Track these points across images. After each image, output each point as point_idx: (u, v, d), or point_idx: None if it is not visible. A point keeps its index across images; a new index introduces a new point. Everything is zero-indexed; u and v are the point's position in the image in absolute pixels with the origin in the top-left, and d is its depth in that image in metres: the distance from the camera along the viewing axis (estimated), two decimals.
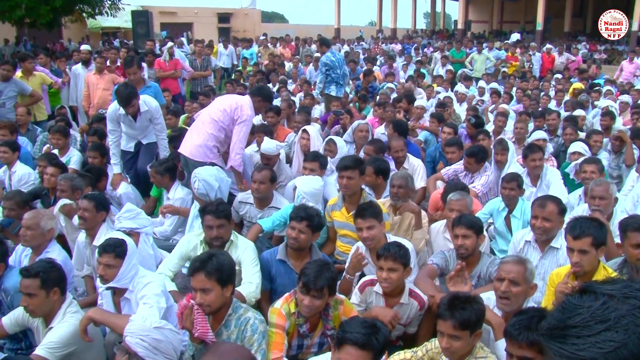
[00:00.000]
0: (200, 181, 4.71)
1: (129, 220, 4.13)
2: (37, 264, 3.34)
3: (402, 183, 4.68)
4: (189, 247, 4.13)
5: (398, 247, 3.47)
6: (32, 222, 4.07)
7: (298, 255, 3.91)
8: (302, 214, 3.83)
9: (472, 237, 3.76)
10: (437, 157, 6.71)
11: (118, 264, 3.40)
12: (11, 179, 6.07)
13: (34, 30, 19.45)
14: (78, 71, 9.92)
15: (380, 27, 34.65)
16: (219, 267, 2.96)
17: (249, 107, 5.55)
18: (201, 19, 35.12)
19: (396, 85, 11.67)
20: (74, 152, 6.63)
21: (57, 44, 25.06)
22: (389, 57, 15.79)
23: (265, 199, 5.07)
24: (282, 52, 17.82)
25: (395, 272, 3.43)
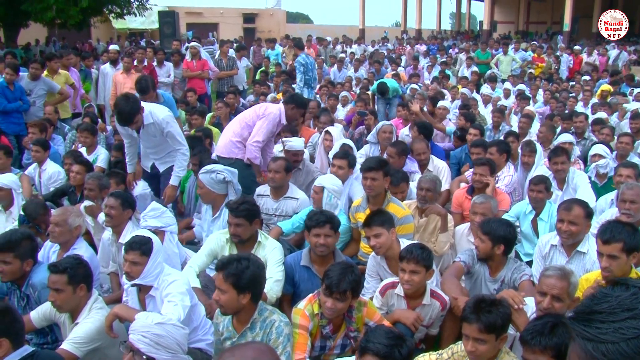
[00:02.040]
0: (221, 172, 4.83)
1: (154, 218, 4.17)
2: (65, 260, 3.38)
3: (431, 186, 4.63)
4: (217, 244, 4.16)
5: (421, 250, 3.44)
6: (60, 219, 4.12)
7: (322, 260, 3.87)
8: (322, 218, 3.78)
9: (488, 244, 3.72)
10: (462, 158, 6.63)
11: (144, 261, 3.42)
12: (41, 177, 6.19)
13: (64, 30, 19.80)
14: (106, 70, 10.04)
15: (404, 28, 34.45)
16: (237, 272, 2.95)
17: (277, 110, 5.70)
18: (227, 19, 35.39)
19: (420, 86, 11.60)
20: (102, 151, 6.72)
21: (86, 44, 25.54)
22: (413, 58, 15.71)
23: (280, 189, 5.19)
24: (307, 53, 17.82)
25: (417, 274, 3.40)
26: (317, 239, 3.77)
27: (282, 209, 5.21)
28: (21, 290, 3.71)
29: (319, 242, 3.77)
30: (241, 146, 5.68)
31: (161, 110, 5.32)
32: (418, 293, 3.52)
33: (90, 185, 4.99)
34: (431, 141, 6.64)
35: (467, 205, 5.00)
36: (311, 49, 18.72)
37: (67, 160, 6.03)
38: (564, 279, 2.97)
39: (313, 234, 3.79)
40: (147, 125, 5.19)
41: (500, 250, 3.74)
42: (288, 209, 5.19)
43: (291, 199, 5.21)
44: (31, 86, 8.35)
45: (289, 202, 5.21)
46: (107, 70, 10.00)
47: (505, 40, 22.91)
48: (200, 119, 7.82)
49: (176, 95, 9.99)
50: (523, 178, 5.90)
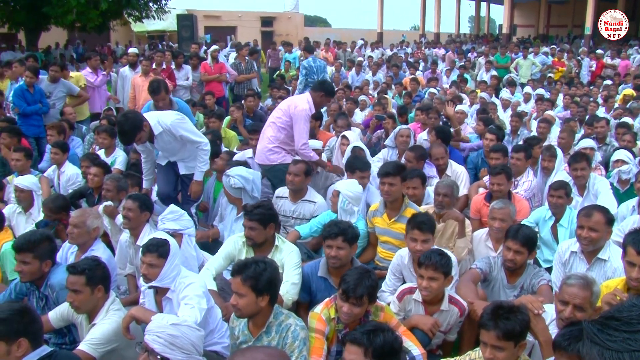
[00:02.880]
0: (234, 177, 4.85)
1: (172, 221, 4.19)
2: (83, 261, 3.42)
3: (448, 192, 4.62)
4: (234, 247, 4.18)
5: (440, 256, 3.42)
6: (78, 221, 4.17)
7: (339, 272, 3.79)
8: (334, 230, 3.72)
9: (525, 254, 3.69)
10: (479, 163, 6.59)
11: (161, 263, 3.44)
12: (60, 179, 6.26)
13: (84, 33, 20.07)
14: (125, 73, 10.17)
15: (423, 32, 34.37)
16: (255, 275, 2.96)
17: (305, 102, 5.67)
18: (245, 22, 35.62)
19: (439, 90, 11.56)
20: (120, 153, 6.75)
21: (105, 46, 25.84)
22: (432, 62, 15.67)
23: (299, 192, 5.23)
24: (324, 56, 17.84)
25: (436, 281, 3.39)
26: (329, 251, 3.75)
27: (299, 211, 5.23)
28: (40, 291, 3.75)
29: (331, 254, 3.74)
30: (279, 150, 5.66)
31: (167, 115, 5.08)
32: (436, 299, 3.51)
33: (109, 186, 5.05)
34: (449, 145, 6.60)
35: (486, 212, 4.97)
36: (329, 52, 18.78)
37: (84, 163, 6.09)
38: (587, 288, 2.93)
39: (326, 244, 3.78)
40: (159, 134, 4.94)
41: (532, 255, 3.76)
42: (305, 212, 5.21)
43: (309, 202, 5.24)
44: (51, 88, 8.48)
45: (307, 205, 5.24)
46: (126, 73, 10.13)
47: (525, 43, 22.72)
48: (217, 122, 7.85)
49: (194, 98, 10.06)
50: (543, 183, 5.84)
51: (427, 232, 3.83)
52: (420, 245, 3.81)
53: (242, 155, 6.20)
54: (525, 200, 5.30)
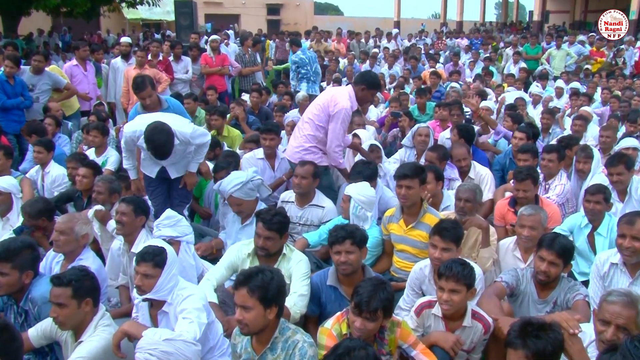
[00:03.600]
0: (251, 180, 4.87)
1: (169, 227, 4.18)
2: (70, 271, 3.39)
3: (470, 196, 4.58)
4: (237, 257, 4.19)
5: (462, 266, 3.40)
6: (65, 227, 4.15)
7: (350, 280, 3.85)
8: (341, 234, 3.76)
9: (560, 266, 3.66)
10: (507, 164, 6.56)
11: (157, 273, 3.43)
12: (44, 180, 6.26)
13: (70, 20, 19.87)
14: (117, 65, 10.12)
15: (444, 20, 34.32)
16: (264, 284, 2.96)
17: (346, 98, 5.54)
18: (249, 10, 35.78)
19: (461, 85, 11.52)
20: (112, 152, 6.78)
21: (95, 35, 25.63)
22: (453, 54, 15.61)
23: (306, 196, 5.26)
24: (336, 48, 17.84)
25: (458, 293, 3.37)
26: (338, 257, 3.76)
27: (307, 217, 5.25)
28: (19, 305, 3.70)
29: (340, 260, 3.75)
30: (316, 150, 5.63)
31: (182, 124, 5.06)
32: (458, 314, 3.48)
33: (100, 188, 5.06)
34: (473, 145, 6.58)
35: (510, 218, 4.96)
36: (341, 43, 18.77)
37: (71, 163, 6.02)
38: (631, 306, 2.87)
39: (334, 251, 3.79)
40: (175, 146, 4.95)
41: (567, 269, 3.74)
42: (313, 218, 5.23)
43: (317, 207, 5.25)
44: (34, 81, 8.40)
45: (315, 210, 5.25)
46: (118, 65, 10.09)
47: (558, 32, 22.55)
48: (220, 119, 7.81)
49: (194, 93, 10.08)
50: (577, 187, 5.80)
51: (449, 241, 3.81)
52: (439, 253, 3.80)
53: (252, 156, 6.20)
54: (555, 205, 5.26)
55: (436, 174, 5.15)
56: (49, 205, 5.10)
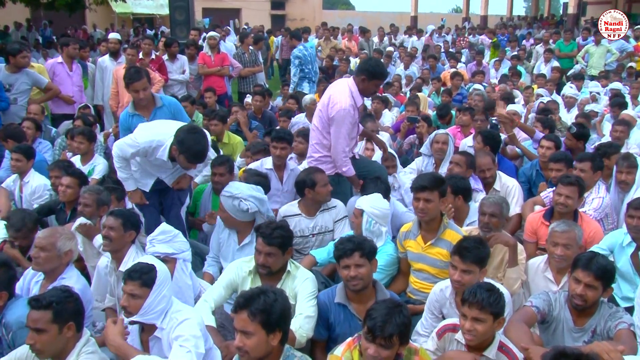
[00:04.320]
0: (247, 199, 4.85)
1: (163, 243, 4.16)
2: (50, 292, 3.37)
3: (496, 210, 4.56)
4: (237, 275, 4.19)
5: (488, 293, 3.36)
6: (47, 242, 4.13)
7: (361, 297, 3.87)
8: (349, 246, 3.80)
9: (599, 290, 3.61)
10: (533, 176, 6.53)
11: (144, 293, 3.43)
12: (22, 191, 6.21)
13: (52, 12, 19.77)
14: (105, 64, 10.11)
15: (466, 15, 34.33)
16: (266, 308, 2.95)
17: (346, 96, 5.47)
18: (250, 4, 35.92)
19: (485, 87, 11.50)
20: (99, 160, 6.77)
21: (79, 30, 25.64)
22: (477, 52, 15.61)
23: (314, 204, 5.31)
24: (347, 46, 17.86)
25: (482, 323, 3.33)
26: (347, 272, 3.78)
27: (320, 224, 5.30)
28: None
29: (349, 274, 3.77)
30: (326, 159, 5.66)
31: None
32: (484, 344, 3.44)
33: (87, 200, 5.04)
34: (498, 154, 6.56)
35: (544, 233, 4.90)
36: (352, 41, 18.80)
37: (53, 172, 5.99)
38: None
39: (342, 265, 3.81)
40: None
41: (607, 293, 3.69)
42: (327, 222, 5.30)
43: (327, 210, 5.34)
44: (11, 80, 8.30)
45: (326, 214, 5.33)
46: (106, 64, 10.09)
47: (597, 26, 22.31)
48: (220, 124, 7.81)
49: (192, 95, 10.10)
50: (618, 201, 5.75)
51: (470, 262, 3.79)
52: (459, 275, 3.79)
53: (259, 165, 6.21)
54: (597, 224, 5.20)
55: (453, 188, 5.12)
56: (33, 216, 5.11)
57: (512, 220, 5.65)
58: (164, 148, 4.78)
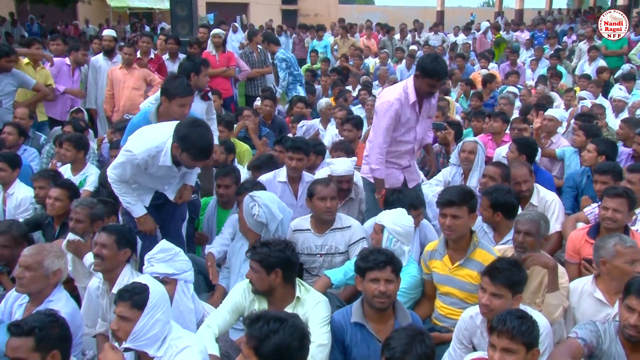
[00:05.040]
0: (260, 206, 4.87)
1: (163, 263, 4.15)
2: (33, 317, 3.37)
3: (532, 229, 4.50)
4: (243, 297, 4.19)
5: (519, 320, 3.33)
6: (32, 261, 4.12)
7: (381, 316, 3.89)
8: (381, 258, 3.85)
9: None
10: (583, 183, 6.46)
11: (135, 316, 3.43)
12: (6, 204, 6.21)
13: (40, 6, 19.87)
14: (99, 63, 10.16)
15: (500, 9, 34.31)
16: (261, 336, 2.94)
17: (396, 91, 5.63)
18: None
19: (520, 89, 11.46)
20: (92, 170, 6.77)
21: (70, 26, 25.80)
22: (511, 51, 15.58)
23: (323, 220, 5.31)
24: (366, 45, 17.88)
25: (513, 354, 3.29)
26: (375, 286, 3.80)
27: (329, 244, 5.28)
28: None
29: (378, 289, 3.79)
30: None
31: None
32: None
33: (79, 215, 5.02)
34: (535, 165, 6.52)
35: (589, 253, 4.85)
36: (371, 38, 18.82)
37: (38, 182, 5.98)
38: None
39: (370, 278, 3.83)
40: None
41: None
42: (338, 244, 5.26)
43: (340, 230, 5.29)
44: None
45: (338, 234, 5.28)
46: (100, 64, 10.14)
47: None
48: (226, 131, 7.82)
49: None
50: None
51: (501, 285, 3.75)
52: (488, 298, 3.76)
53: (272, 177, 6.21)
54: None
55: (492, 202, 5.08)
56: (21, 227, 5.14)
57: (552, 239, 5.60)
58: (166, 152, 4.72)
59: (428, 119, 5.97)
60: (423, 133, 5.96)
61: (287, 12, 36.75)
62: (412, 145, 5.88)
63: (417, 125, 5.79)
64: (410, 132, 5.77)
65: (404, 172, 5.93)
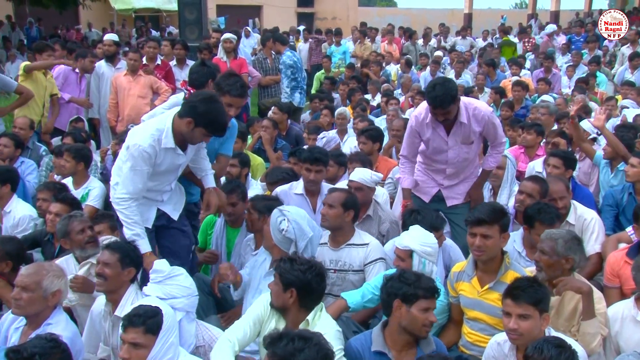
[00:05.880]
0: (290, 221, 4.87)
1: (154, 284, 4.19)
2: (33, 342, 3.38)
3: (545, 247, 4.41)
4: (264, 310, 4.23)
5: (557, 349, 3.33)
6: (30, 281, 4.12)
7: (404, 343, 3.89)
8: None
9: None
10: (624, 201, 6.39)
11: (149, 342, 3.47)
12: (3, 222, 6.24)
13: (39, 9, 20.00)
14: (101, 70, 10.22)
15: (533, 10, 34.22)
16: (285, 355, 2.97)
17: (417, 108, 5.85)
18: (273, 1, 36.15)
19: (555, 98, 11.41)
20: (95, 184, 6.80)
21: (72, 30, 26.04)
22: (545, 57, 15.53)
23: (339, 232, 5.32)
24: (388, 51, 17.88)
25: None
26: (426, 316, 3.83)
27: (343, 260, 5.28)
28: None
29: (429, 319, 3.82)
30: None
31: None
32: None
33: None
34: (572, 179, 6.48)
35: (629, 274, 4.81)
36: (393, 44, 18.84)
37: (41, 194, 6.03)
38: None
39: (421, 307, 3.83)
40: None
41: None
42: (353, 261, 5.25)
43: (356, 246, 5.28)
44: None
45: (354, 250, 5.28)
46: (103, 70, 10.22)
47: None
48: (239, 142, 7.75)
49: None
50: None
51: (526, 304, 3.74)
52: (514, 322, 3.75)
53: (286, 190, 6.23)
54: None
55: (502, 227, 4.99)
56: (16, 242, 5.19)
57: (591, 260, 5.55)
58: (167, 133, 4.75)
59: (464, 146, 5.78)
60: (458, 158, 5.82)
61: (303, 15, 36.90)
62: (443, 167, 5.86)
63: (449, 149, 5.74)
64: (441, 154, 5.78)
65: (442, 189, 5.93)
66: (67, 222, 5.06)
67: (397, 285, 3.92)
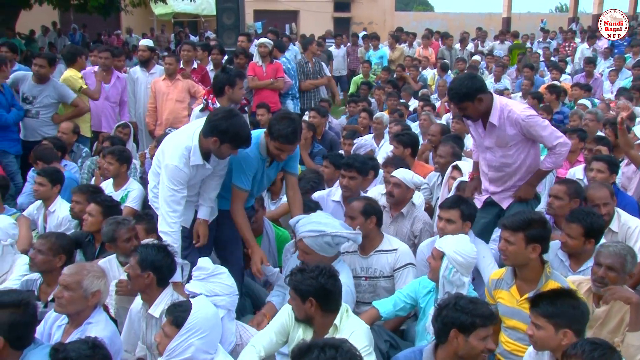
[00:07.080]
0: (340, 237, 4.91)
1: (197, 281, 4.29)
2: (75, 345, 3.43)
3: (615, 263, 4.36)
4: (290, 319, 4.25)
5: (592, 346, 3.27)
6: (71, 280, 4.18)
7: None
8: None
9: None
10: None
11: (172, 333, 3.60)
12: (47, 222, 6.33)
13: (84, 15, 20.32)
14: (136, 75, 10.39)
15: (574, 14, 33.85)
16: None
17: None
18: (310, 5, 36.27)
19: (597, 103, 11.27)
20: (134, 185, 6.87)
21: (113, 35, 26.43)
22: (586, 61, 15.37)
23: (366, 239, 5.30)
24: (424, 55, 17.81)
25: None
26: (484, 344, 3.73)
27: (374, 267, 5.30)
28: None
29: (488, 347, 3.76)
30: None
31: None
32: None
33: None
34: (615, 185, 6.40)
35: None
36: (429, 48, 18.75)
37: (76, 197, 6.06)
38: None
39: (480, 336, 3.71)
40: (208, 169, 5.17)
41: None
42: (383, 267, 5.27)
43: (385, 252, 5.29)
44: (35, 92, 8.56)
45: (382, 257, 5.29)
46: (137, 75, 10.39)
47: None
48: None
49: None
50: None
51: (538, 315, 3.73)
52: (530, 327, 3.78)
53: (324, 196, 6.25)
54: None
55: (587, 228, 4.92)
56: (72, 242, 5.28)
57: (636, 270, 5.44)
58: (194, 151, 4.91)
59: (500, 149, 5.61)
60: (496, 162, 5.67)
61: (339, 20, 36.89)
62: (486, 169, 5.78)
63: (487, 151, 5.68)
64: (484, 152, 5.73)
65: (492, 195, 5.83)
66: (115, 227, 5.17)
67: (453, 314, 3.74)
